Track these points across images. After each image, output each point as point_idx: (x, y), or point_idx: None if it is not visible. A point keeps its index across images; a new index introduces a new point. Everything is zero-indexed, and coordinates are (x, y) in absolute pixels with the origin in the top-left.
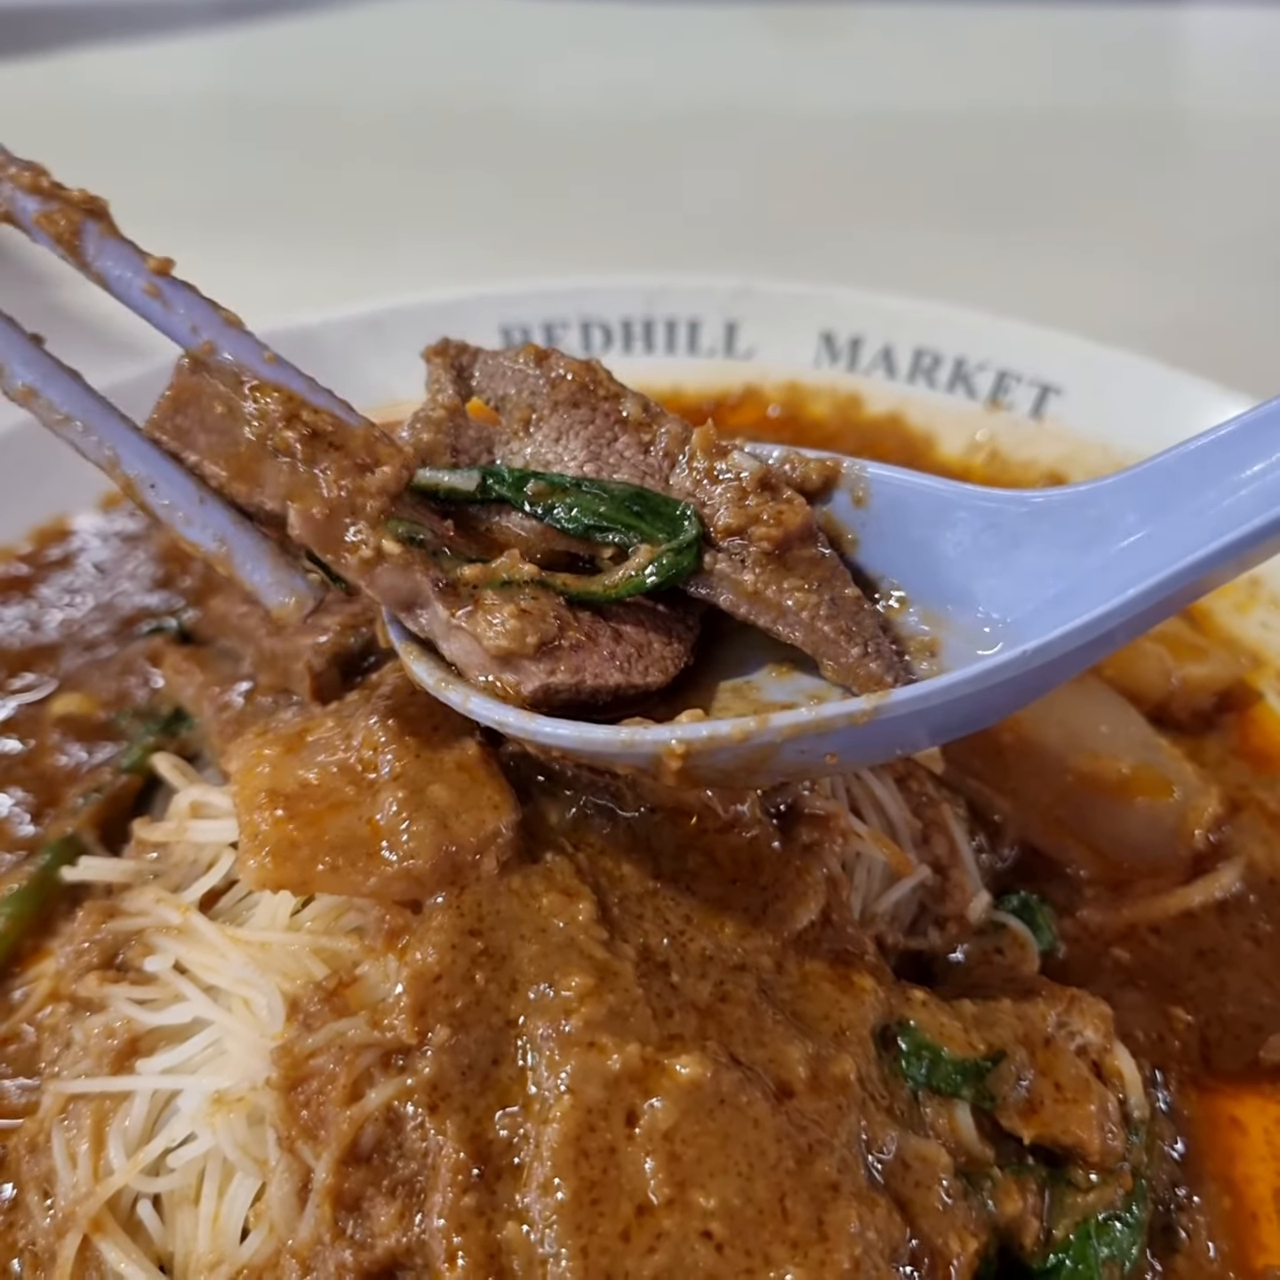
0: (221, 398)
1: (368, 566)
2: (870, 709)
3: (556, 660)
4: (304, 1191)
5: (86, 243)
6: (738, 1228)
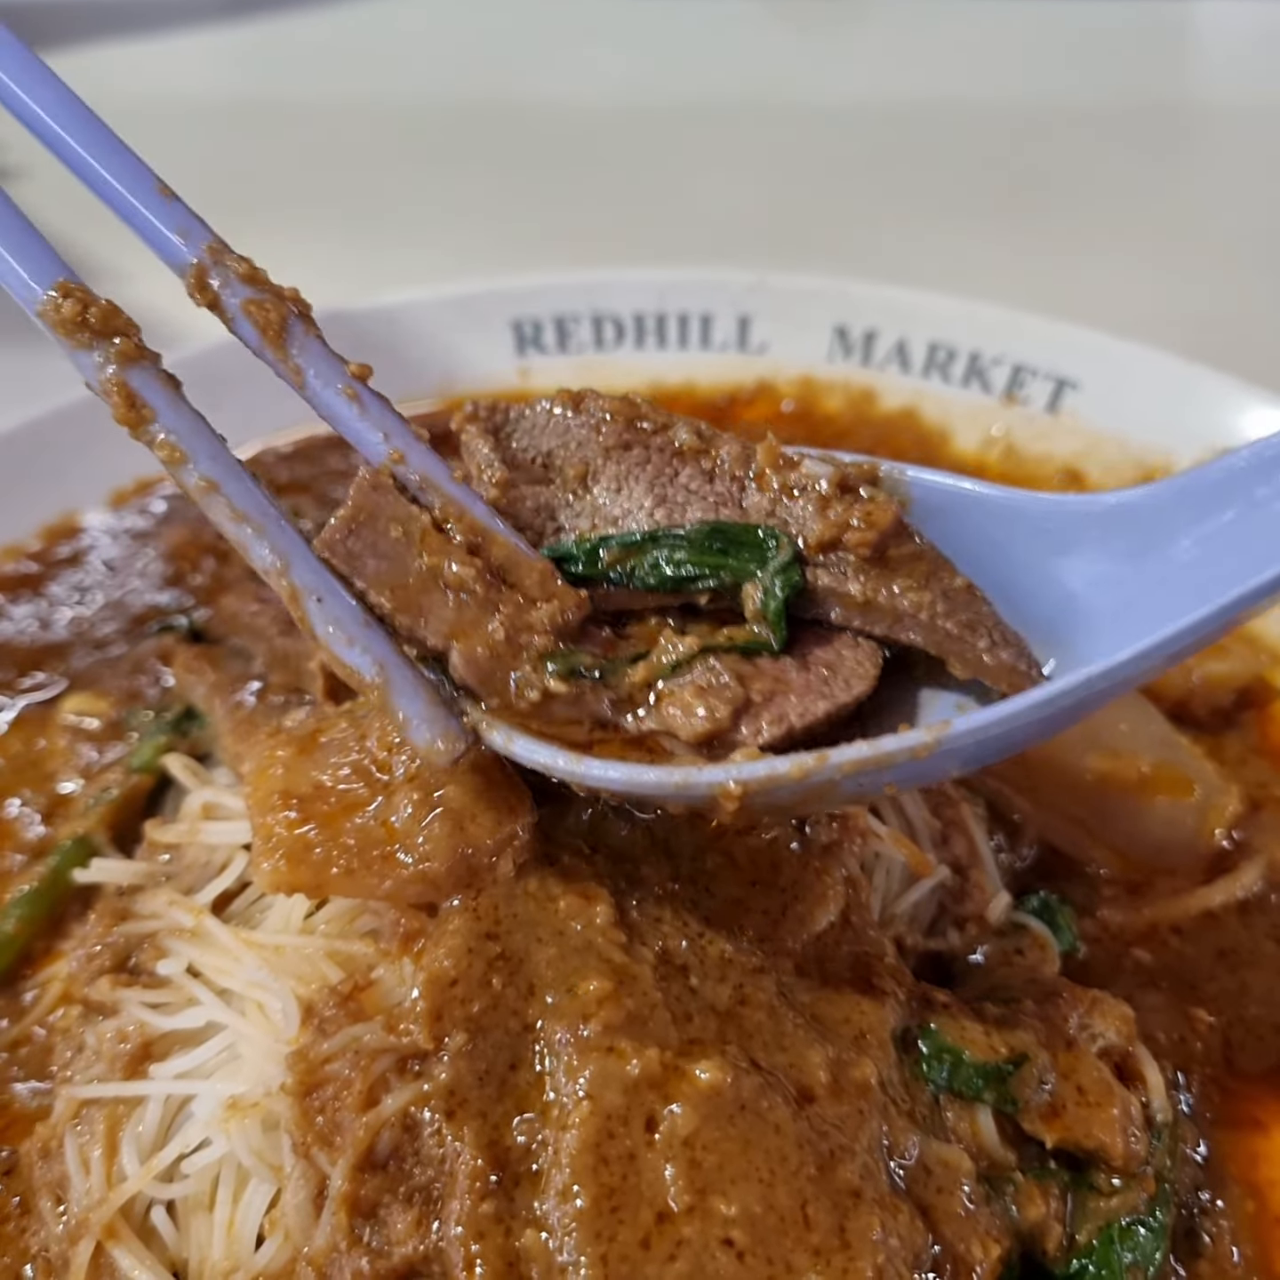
0: (400, 519)
1: (539, 708)
2: (931, 741)
3: (757, 719)
4: (320, 1198)
5: (292, 337)
6: (759, 1235)
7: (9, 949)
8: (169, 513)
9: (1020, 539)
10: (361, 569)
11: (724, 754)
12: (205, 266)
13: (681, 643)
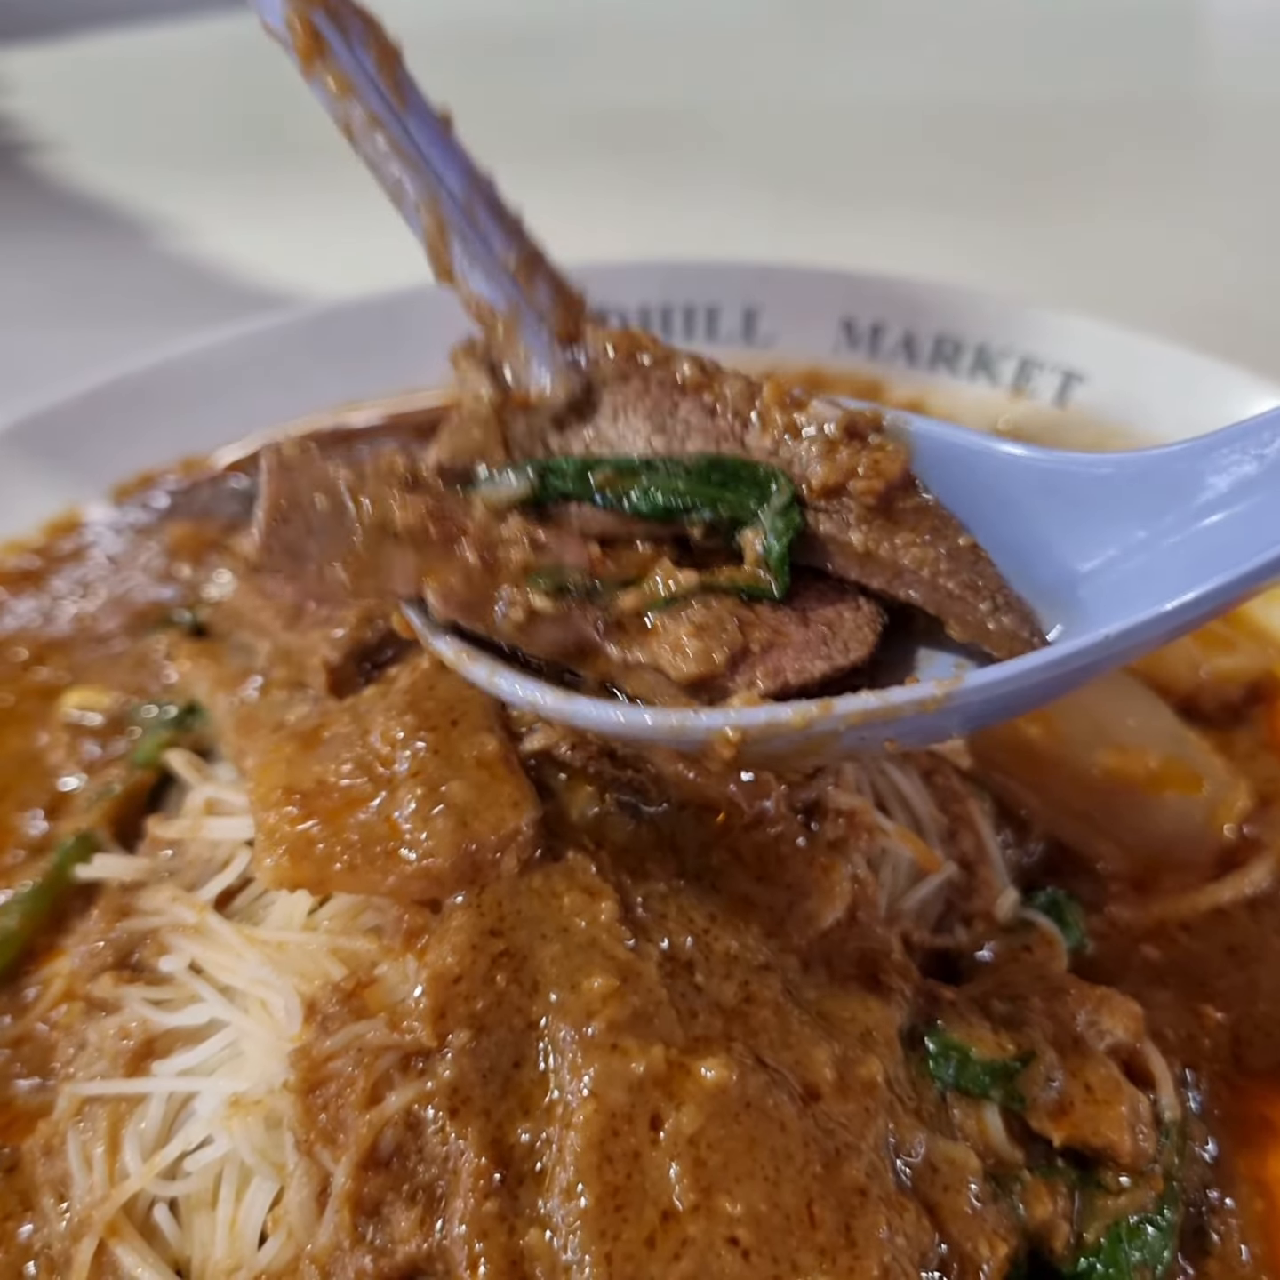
0: (322, 487)
1: (524, 629)
2: (941, 695)
3: (752, 669)
4: (323, 1196)
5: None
6: (764, 1234)
7: (11, 945)
8: (172, 507)
9: (1029, 497)
10: (305, 554)
11: (712, 700)
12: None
13: (680, 575)
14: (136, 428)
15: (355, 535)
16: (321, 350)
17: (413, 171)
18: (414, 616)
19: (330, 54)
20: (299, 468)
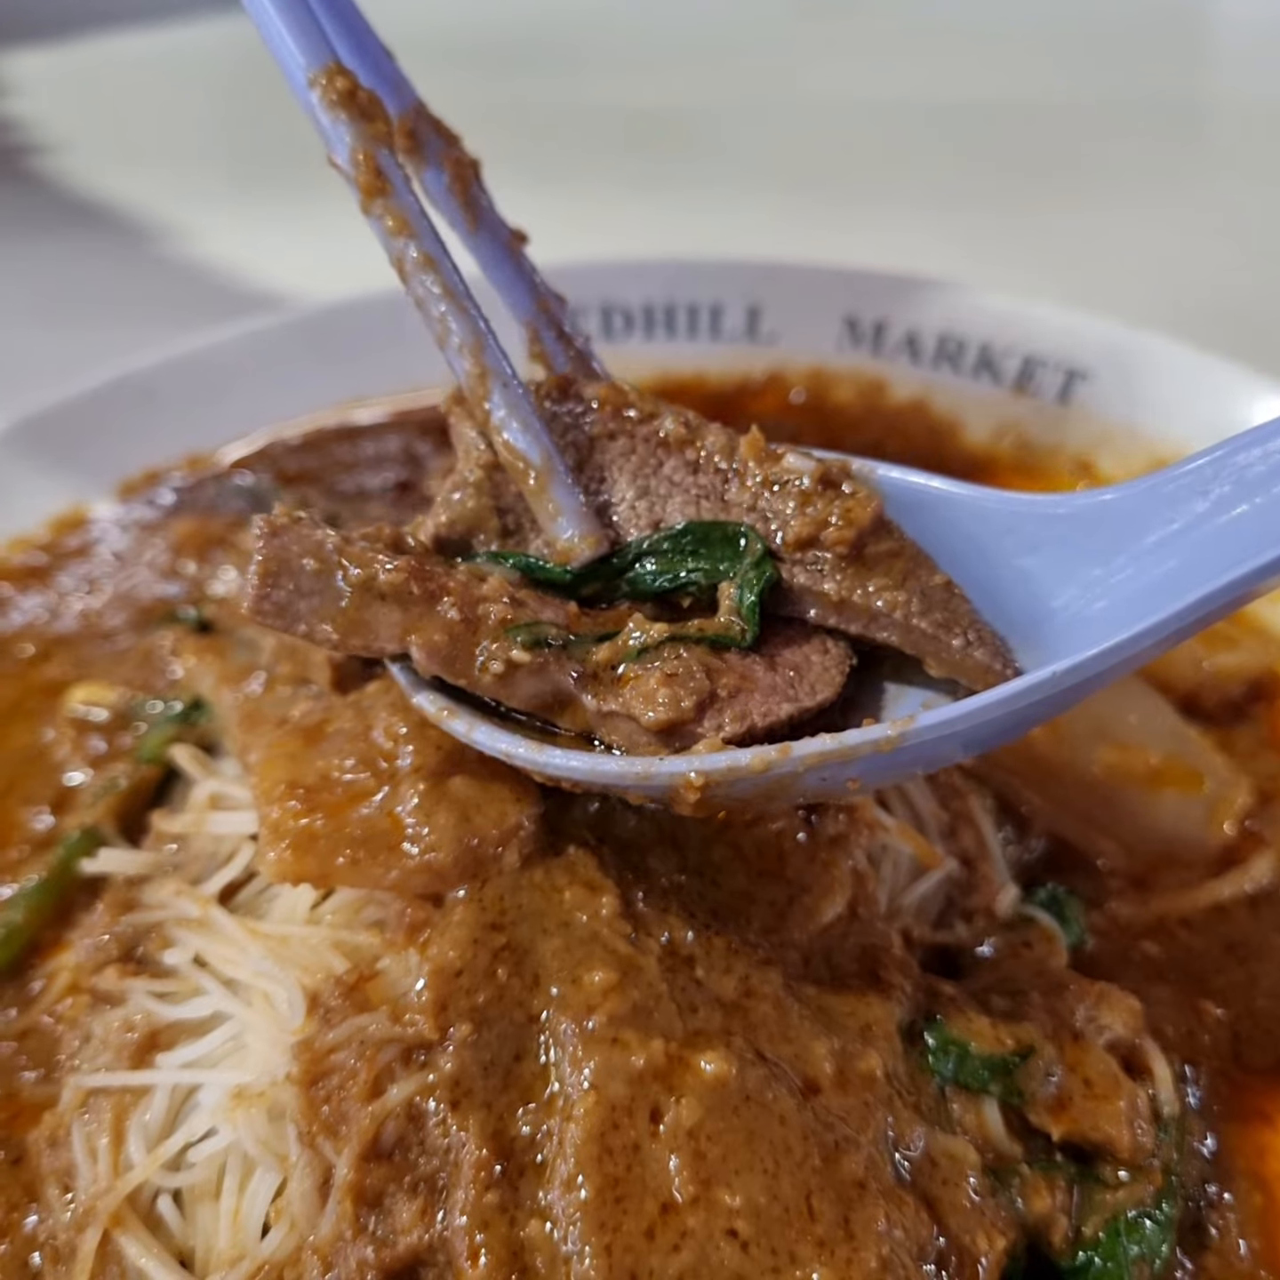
0: (310, 551)
1: (503, 681)
2: (895, 735)
3: (720, 714)
4: (325, 1187)
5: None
6: (763, 1226)
7: (17, 939)
8: (177, 504)
9: (990, 538)
10: (295, 614)
11: (683, 746)
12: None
13: (651, 628)
14: (142, 425)
15: (343, 596)
16: (326, 347)
17: (461, 315)
18: (398, 674)
19: (392, 193)
20: (289, 533)
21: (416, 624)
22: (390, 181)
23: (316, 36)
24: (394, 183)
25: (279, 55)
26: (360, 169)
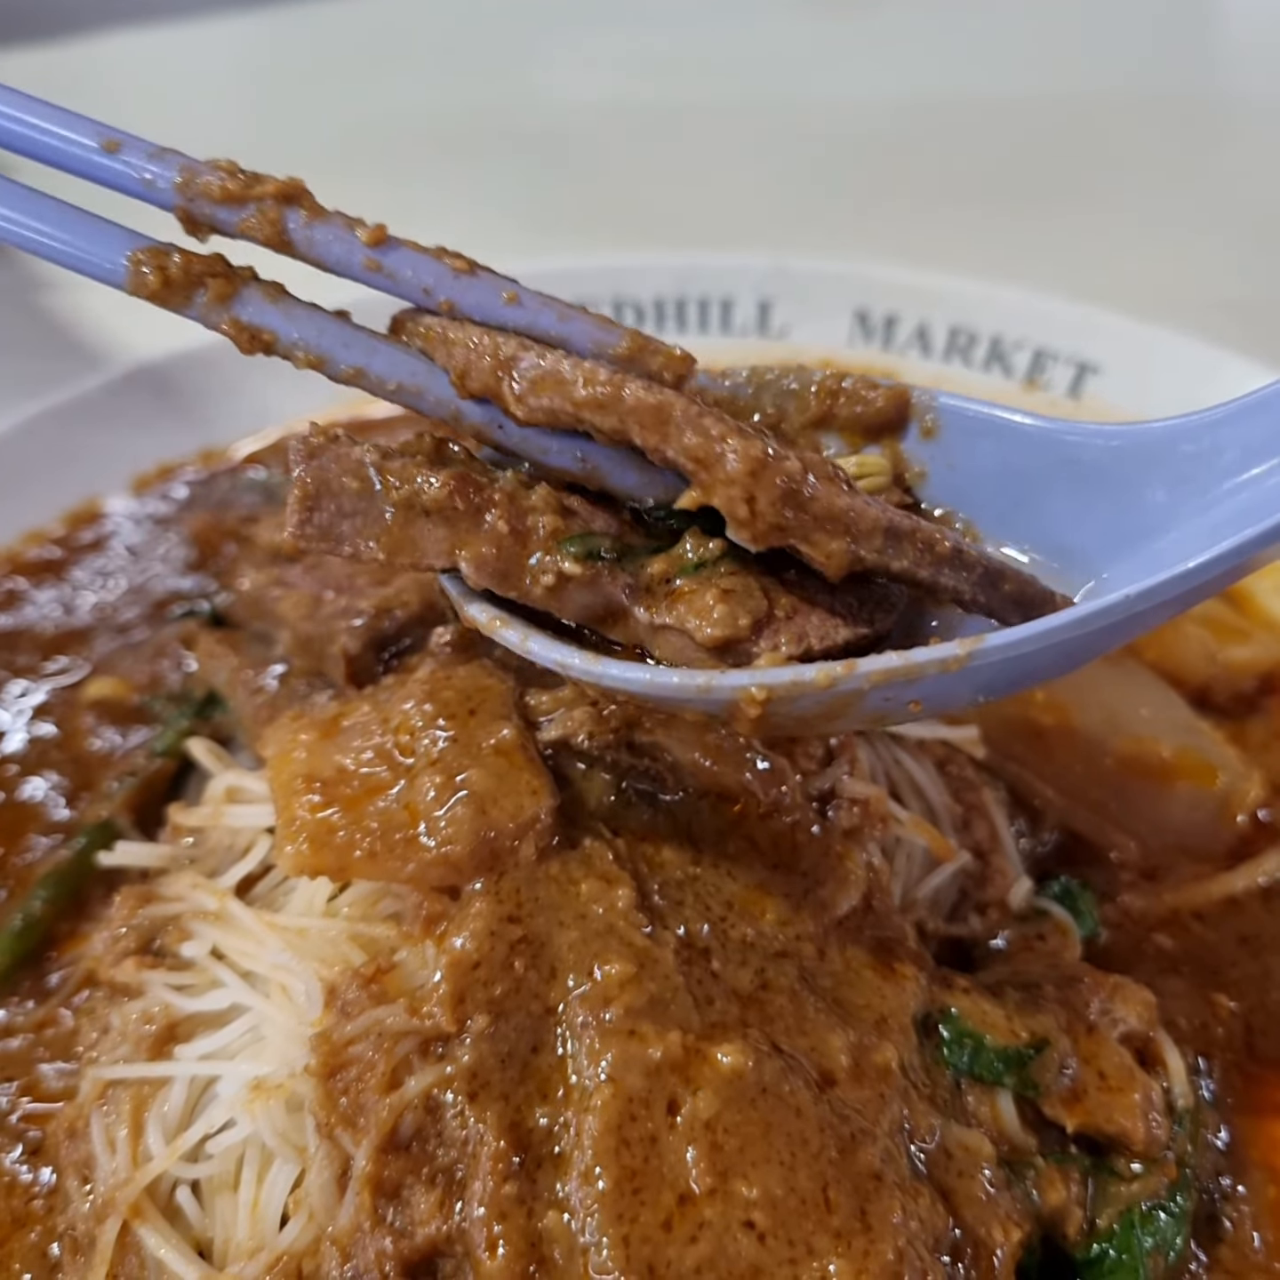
0: (351, 470)
1: (554, 593)
2: (964, 655)
3: (776, 634)
4: (343, 1179)
5: (294, 237)
6: (780, 1218)
7: (34, 931)
8: (191, 498)
9: (1052, 467)
10: (340, 536)
11: (737, 664)
12: (185, 206)
13: (709, 542)
14: (156, 419)
15: (386, 514)
16: None
17: (417, 397)
18: (449, 585)
19: (275, 342)
20: (326, 452)
21: (464, 538)
22: (267, 329)
23: (102, 231)
24: (272, 327)
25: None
26: (235, 339)
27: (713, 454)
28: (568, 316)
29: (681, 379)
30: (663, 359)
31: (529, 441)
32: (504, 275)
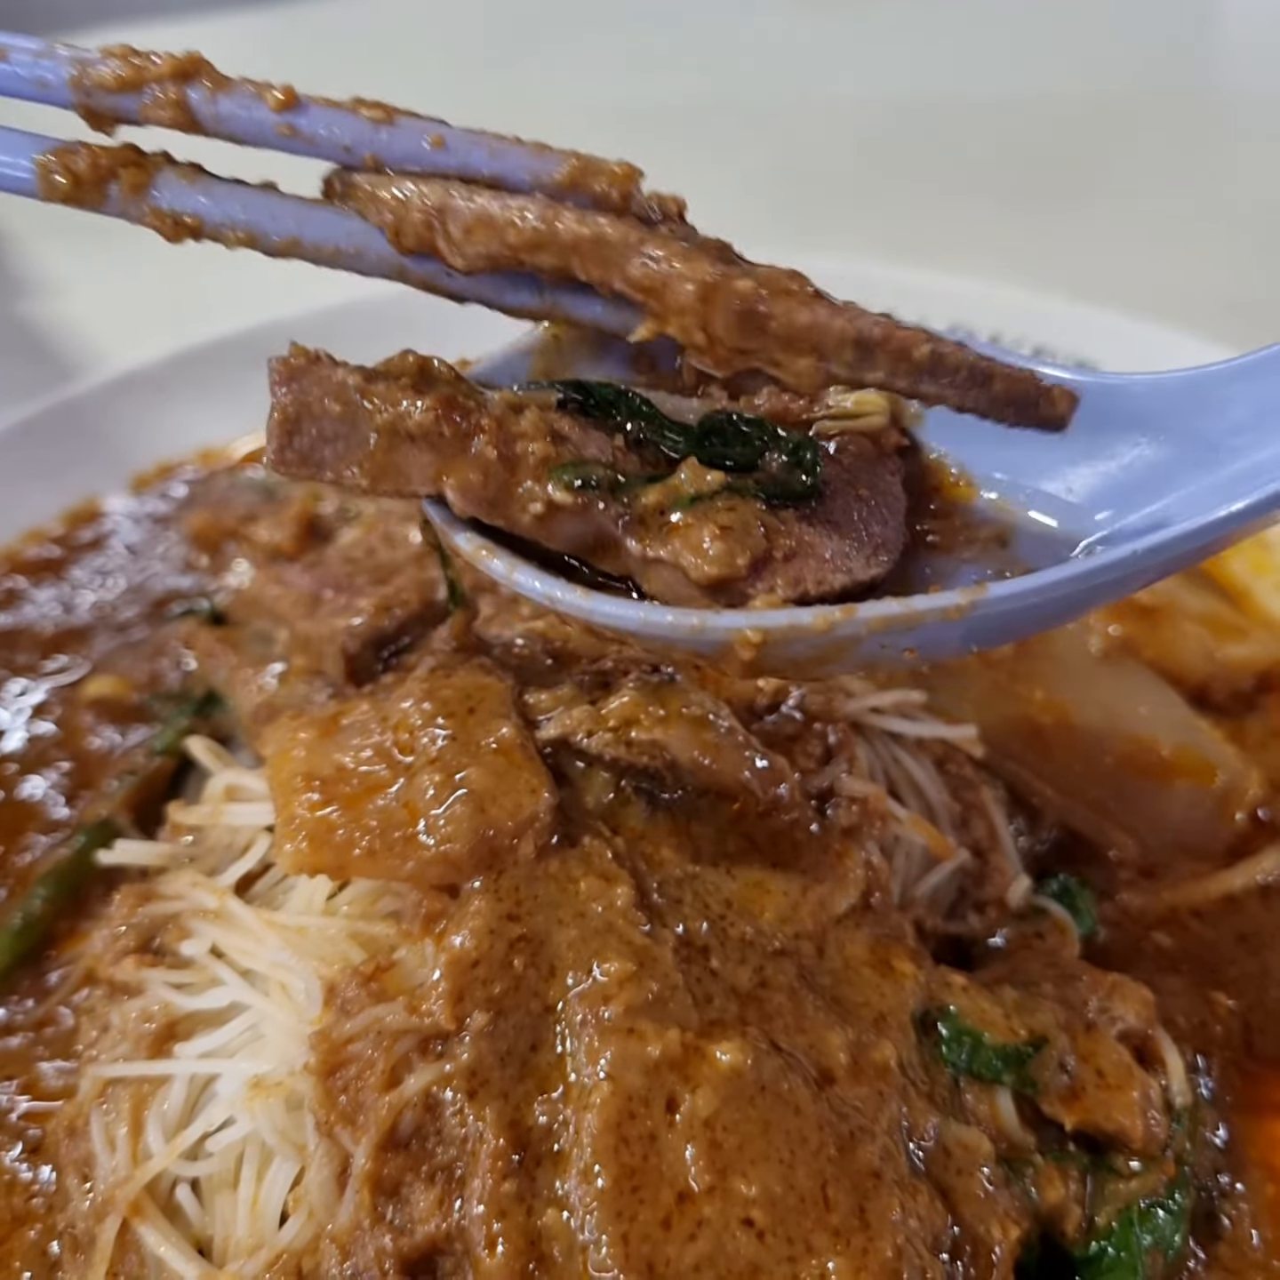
0: (332, 393)
1: (543, 522)
2: (966, 604)
3: (773, 576)
4: (343, 1177)
5: (200, 114)
6: (779, 1215)
7: (34, 930)
8: (190, 497)
9: None
10: (321, 462)
11: (730, 603)
12: (84, 102)
13: (707, 474)
14: (155, 418)
15: (369, 438)
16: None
17: (358, 257)
18: (433, 512)
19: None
20: (307, 374)
21: (450, 465)
22: (191, 214)
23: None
24: (195, 211)
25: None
26: (159, 229)
27: (660, 282)
28: (499, 151)
29: (628, 195)
30: (605, 178)
31: (480, 287)
32: (429, 117)
